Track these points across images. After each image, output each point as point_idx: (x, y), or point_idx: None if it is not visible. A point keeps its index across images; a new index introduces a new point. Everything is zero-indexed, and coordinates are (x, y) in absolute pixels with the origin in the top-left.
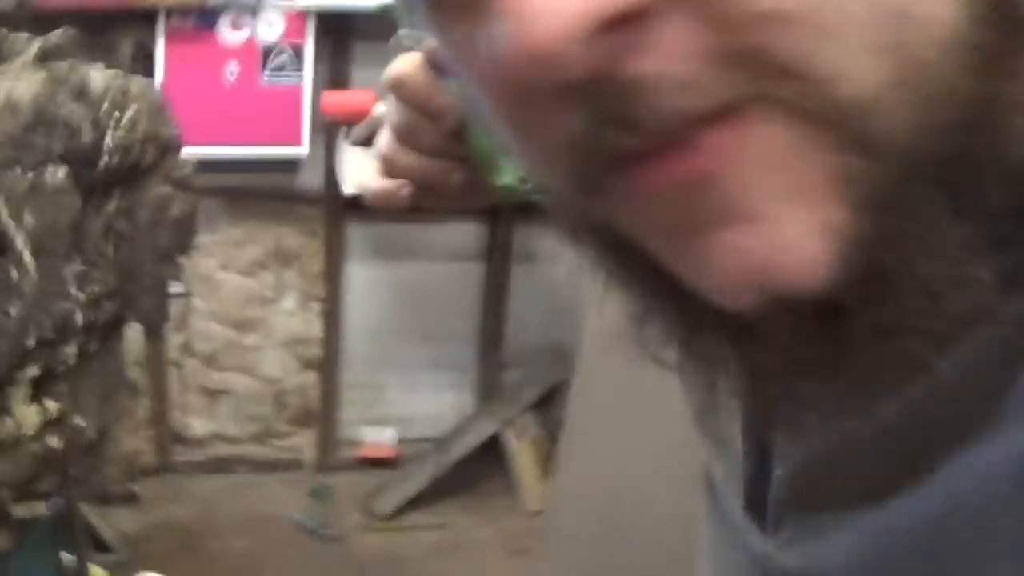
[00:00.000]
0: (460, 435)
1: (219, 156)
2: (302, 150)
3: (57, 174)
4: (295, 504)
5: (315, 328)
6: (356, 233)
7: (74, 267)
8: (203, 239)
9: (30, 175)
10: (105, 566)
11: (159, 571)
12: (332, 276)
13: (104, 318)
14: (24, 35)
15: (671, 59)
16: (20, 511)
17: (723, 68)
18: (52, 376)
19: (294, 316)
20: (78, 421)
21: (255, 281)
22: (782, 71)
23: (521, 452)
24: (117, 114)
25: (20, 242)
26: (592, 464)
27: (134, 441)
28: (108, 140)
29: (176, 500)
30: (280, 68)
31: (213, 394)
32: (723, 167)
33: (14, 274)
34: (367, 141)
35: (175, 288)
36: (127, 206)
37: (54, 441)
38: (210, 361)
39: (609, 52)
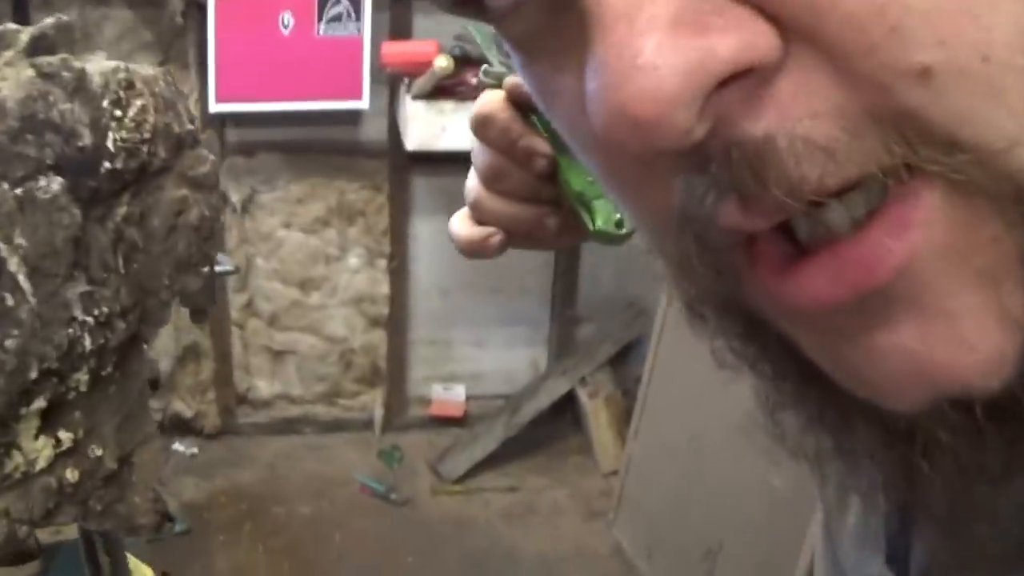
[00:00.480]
0: (532, 394)
1: (277, 111)
2: (362, 103)
3: (51, 186)
4: (362, 466)
5: (382, 285)
6: (422, 187)
7: (78, 288)
8: (264, 196)
9: (19, 190)
10: (168, 539)
11: (224, 539)
12: (398, 232)
13: (118, 339)
14: (11, 25)
15: (796, 118)
16: (46, 536)
17: (862, 132)
18: (63, 405)
19: (359, 273)
20: (95, 450)
21: (318, 238)
22: (942, 139)
23: (595, 411)
24: (119, 112)
25: (13, 265)
26: (672, 425)
27: (198, 404)
28: (110, 142)
29: (240, 464)
30: (337, 18)
31: (277, 355)
32: (894, 269)
33: (9, 302)
34: (430, 94)
35: (223, 266)
36: (137, 213)
37: (69, 473)
38: (273, 321)
39: (722, 111)
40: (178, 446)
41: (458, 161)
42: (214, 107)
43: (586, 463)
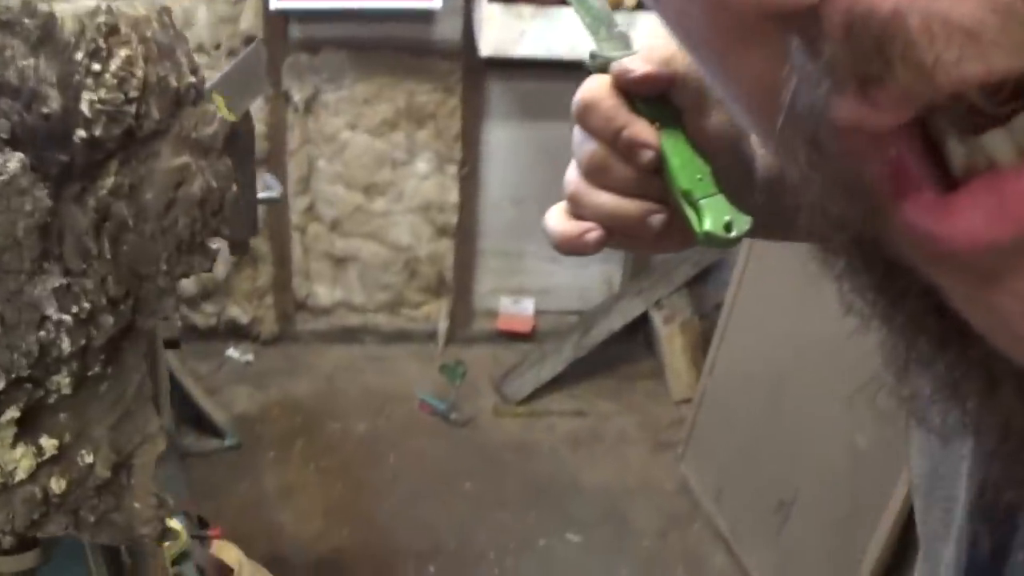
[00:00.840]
0: (604, 313)
1: (343, 7)
2: (434, 3)
3: (7, 165)
4: (423, 382)
5: (451, 193)
6: (497, 91)
7: (50, 282)
8: (328, 96)
9: None
10: (217, 453)
11: (275, 455)
12: (470, 137)
13: (106, 335)
14: None
15: None
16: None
17: (1017, 16)
18: (43, 409)
19: (428, 180)
20: (85, 456)
21: (385, 142)
22: None
23: (670, 336)
24: (98, 66)
25: None
26: (752, 361)
27: (254, 309)
28: (85, 105)
29: (296, 374)
30: None
31: (339, 261)
32: None
33: None
34: None
35: (267, 193)
36: (126, 186)
37: (54, 483)
38: (335, 227)
39: None
40: (233, 352)
41: (537, 67)
42: (275, 3)
43: (657, 389)
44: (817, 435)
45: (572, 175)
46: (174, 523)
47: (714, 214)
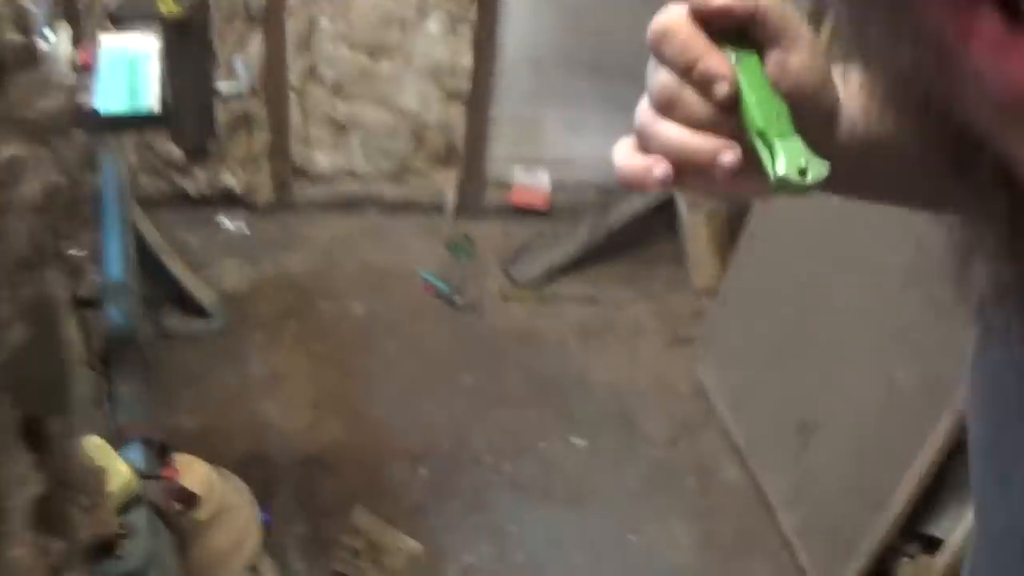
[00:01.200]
0: (625, 195)
1: None
2: None
3: None
4: (428, 259)
5: (464, 55)
6: None
7: None
8: None
9: None
10: (202, 335)
11: (264, 338)
12: None
13: None
14: None
15: None
16: None
17: None
18: None
19: (439, 42)
20: None
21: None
22: None
23: (695, 225)
24: None
25: None
26: (784, 266)
27: (249, 176)
28: None
29: (291, 247)
30: None
31: (341, 127)
32: None
33: None
34: None
35: (229, 88)
36: None
37: None
38: (338, 90)
39: None
40: (225, 222)
41: None
42: None
43: (677, 277)
44: (852, 360)
45: (643, 106)
46: (121, 467)
47: (789, 156)
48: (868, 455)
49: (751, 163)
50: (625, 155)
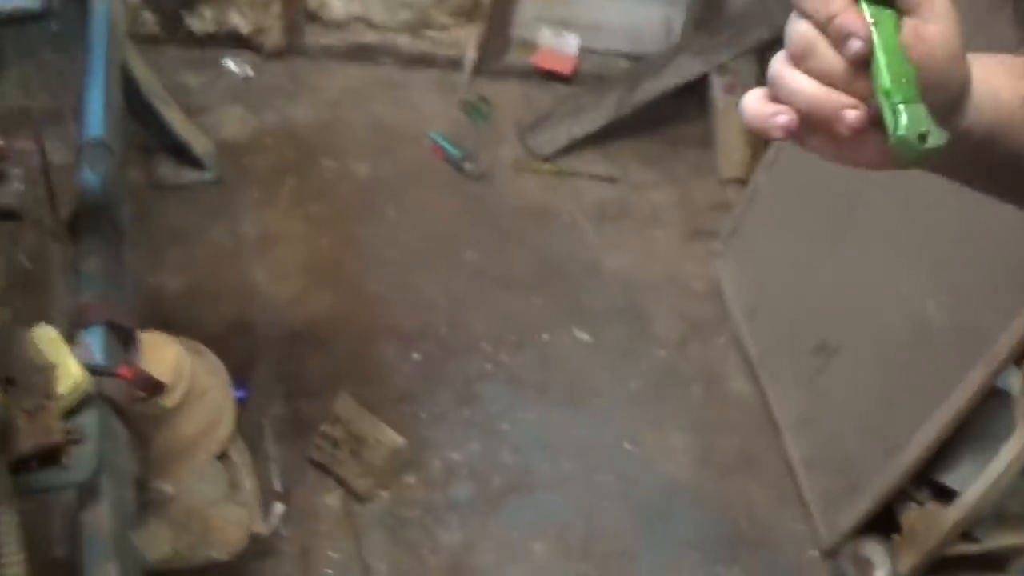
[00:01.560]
0: (657, 69)
1: None
2: None
3: None
4: (440, 120)
5: None
6: None
7: None
8: None
9: None
10: (194, 187)
11: (260, 195)
12: None
13: None
14: None
15: None
16: None
17: None
18: None
19: None
20: None
21: None
22: None
23: (728, 109)
24: None
25: None
26: (822, 168)
27: (258, 17)
28: None
29: (297, 97)
30: None
31: None
32: None
33: None
34: None
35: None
36: None
37: None
38: None
39: None
40: (231, 64)
41: None
42: None
43: (703, 162)
44: (882, 285)
45: (779, 56)
46: (71, 364)
47: (912, 120)
48: (889, 392)
49: (876, 126)
50: (754, 100)
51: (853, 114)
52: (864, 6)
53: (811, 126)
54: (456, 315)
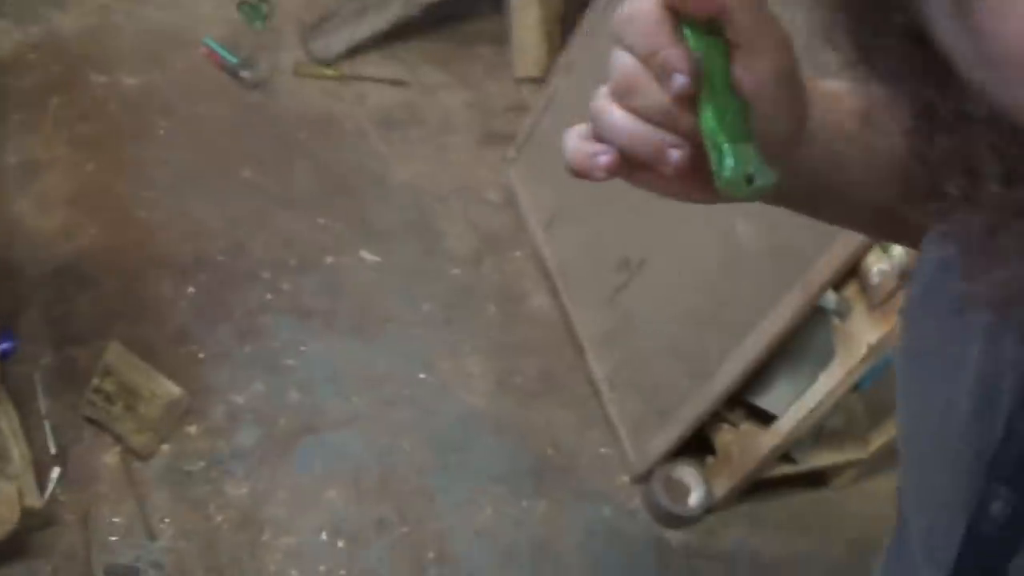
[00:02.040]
0: None
1: None
2: None
3: None
4: (217, 23)
5: None
6: None
7: None
8: None
9: None
10: None
11: (22, 119)
12: None
13: None
14: None
15: None
16: None
17: None
18: None
19: None
20: None
21: None
22: None
23: (525, 4)
24: None
25: None
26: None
27: None
28: None
29: (65, 5)
30: None
31: None
32: None
33: None
34: None
35: None
36: None
37: None
38: None
39: None
40: None
41: None
42: None
43: (497, 62)
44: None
45: (600, 91)
46: None
47: (738, 161)
48: (697, 314)
49: (703, 163)
50: (576, 138)
51: (677, 154)
52: (690, 37)
53: (636, 164)
54: (234, 239)
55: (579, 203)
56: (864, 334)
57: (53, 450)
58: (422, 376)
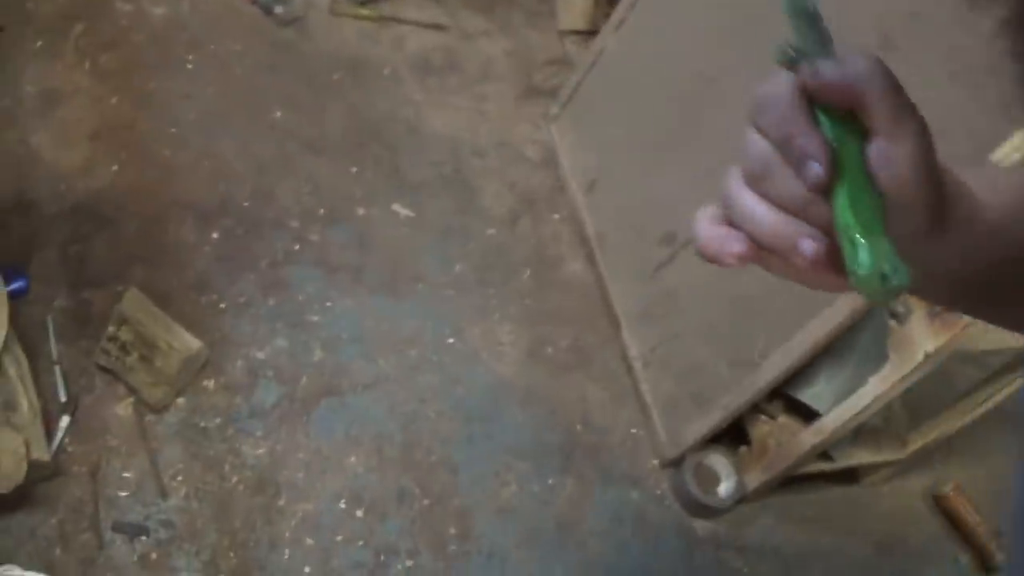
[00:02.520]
0: None
1: None
2: None
3: None
4: None
5: None
6: None
7: None
8: None
9: None
10: None
11: (43, 45)
12: None
13: None
14: None
15: None
16: None
17: None
18: None
19: None
20: None
21: None
22: None
23: None
24: None
25: None
26: (676, 35)
27: None
28: None
29: None
30: None
31: None
32: None
33: None
34: None
35: None
36: None
37: None
38: None
39: None
40: None
41: None
42: None
43: (541, 10)
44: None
45: (733, 174)
46: None
47: (873, 258)
48: (743, 301)
49: (838, 255)
50: (707, 223)
51: (811, 246)
52: (825, 124)
53: (766, 252)
54: (261, 184)
55: (624, 169)
56: (922, 341)
57: (63, 398)
58: (451, 341)
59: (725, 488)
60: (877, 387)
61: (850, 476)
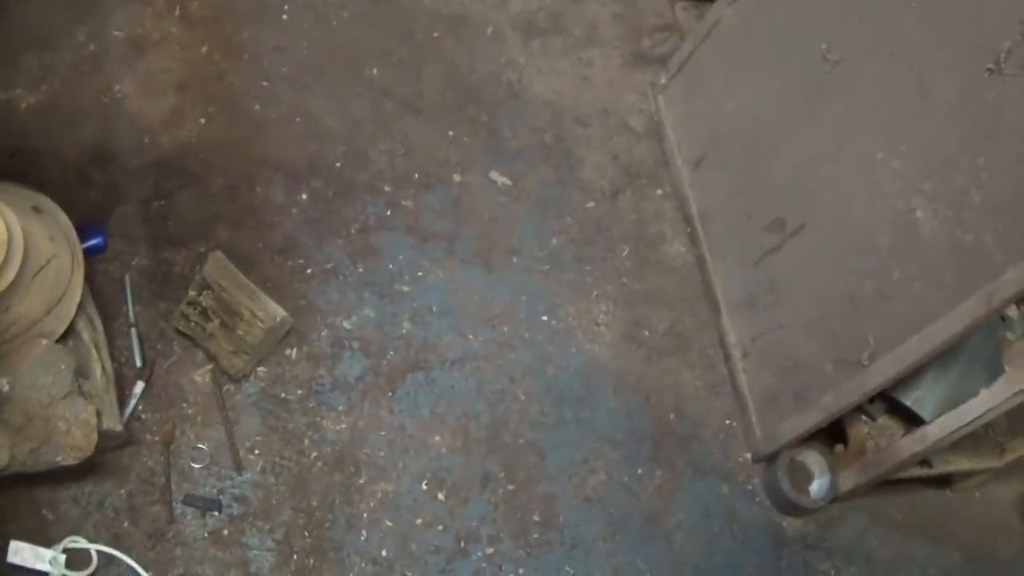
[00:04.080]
0: None
1: None
2: None
3: None
4: None
5: None
6: None
7: None
8: None
9: None
10: None
11: None
12: None
13: None
14: None
15: None
16: None
17: None
18: None
19: None
20: None
21: None
22: None
23: None
24: None
25: None
26: (804, 7)
27: None
28: None
29: None
30: None
31: None
32: None
33: None
34: None
35: None
36: None
37: None
38: None
39: None
40: None
41: None
42: None
43: None
44: (861, 172)
45: None
46: None
47: None
48: (854, 299)
49: None
50: None
51: None
52: None
53: None
54: (353, 146)
55: (736, 147)
56: None
57: (139, 363)
58: (544, 318)
59: (818, 487)
60: (989, 400)
61: (942, 480)
